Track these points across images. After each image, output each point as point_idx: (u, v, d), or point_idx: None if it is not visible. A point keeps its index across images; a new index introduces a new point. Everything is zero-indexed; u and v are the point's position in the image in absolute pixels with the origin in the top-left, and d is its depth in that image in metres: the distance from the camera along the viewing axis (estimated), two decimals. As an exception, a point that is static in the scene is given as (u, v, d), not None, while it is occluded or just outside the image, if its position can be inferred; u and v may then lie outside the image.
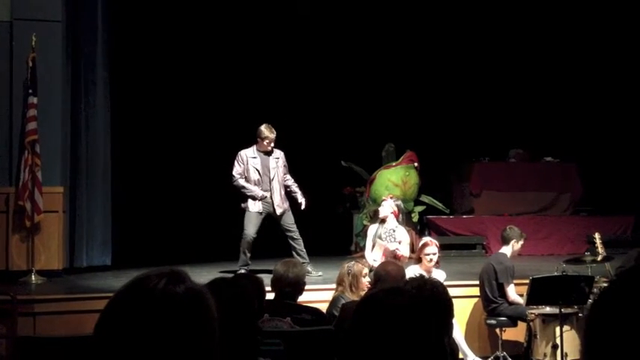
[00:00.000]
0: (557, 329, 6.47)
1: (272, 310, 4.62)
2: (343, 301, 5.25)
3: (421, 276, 4.61)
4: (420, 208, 10.88)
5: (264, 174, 8.09)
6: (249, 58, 11.52)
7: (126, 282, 1.38)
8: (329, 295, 5.90)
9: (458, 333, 6.79)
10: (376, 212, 8.38)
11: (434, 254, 6.89)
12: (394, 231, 7.49)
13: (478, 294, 7.22)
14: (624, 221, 11.36)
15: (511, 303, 6.93)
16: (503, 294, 6.95)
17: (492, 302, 6.96)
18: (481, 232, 10.98)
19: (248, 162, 8.09)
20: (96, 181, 9.07)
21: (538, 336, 6.68)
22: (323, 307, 5.52)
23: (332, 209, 11.38)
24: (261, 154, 8.12)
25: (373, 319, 1.54)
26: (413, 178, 10.43)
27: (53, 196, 8.24)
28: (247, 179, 8.08)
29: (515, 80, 12.39)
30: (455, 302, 3.18)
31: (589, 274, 6.72)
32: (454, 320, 4.67)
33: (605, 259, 7.05)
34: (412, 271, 6.30)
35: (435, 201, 11.00)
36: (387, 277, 4.89)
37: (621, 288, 1.30)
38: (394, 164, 10.58)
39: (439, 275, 6.67)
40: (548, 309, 6.65)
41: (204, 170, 10.69)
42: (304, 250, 8.10)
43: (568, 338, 6.44)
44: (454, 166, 11.92)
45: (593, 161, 11.82)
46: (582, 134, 12.25)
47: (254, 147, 8.15)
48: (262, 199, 8.03)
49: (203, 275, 7.25)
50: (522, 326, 6.98)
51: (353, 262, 5.85)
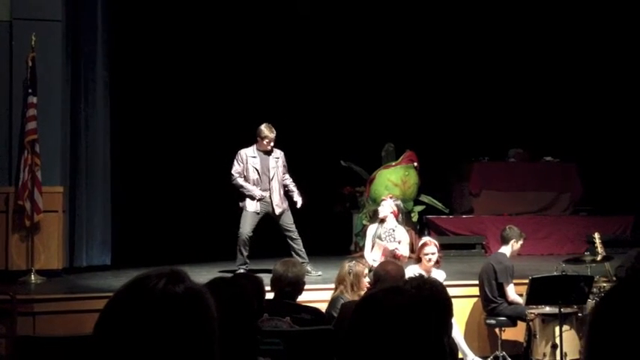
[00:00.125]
0: (556, 329, 6.47)
1: (271, 310, 4.62)
2: (342, 302, 5.25)
3: (420, 276, 4.61)
4: (420, 208, 10.88)
5: (263, 173, 8.09)
6: (249, 58, 11.51)
7: (125, 282, 1.38)
8: (328, 295, 5.90)
9: (457, 333, 6.80)
10: (376, 212, 8.38)
11: (433, 254, 6.89)
12: (394, 231, 7.49)
13: (477, 294, 7.22)
14: (624, 221, 11.36)
15: (510, 303, 6.93)
16: (502, 294, 6.95)
17: (492, 302, 6.96)
18: (481, 232, 10.98)
19: (248, 161, 8.09)
20: (96, 181, 9.07)
21: (537, 336, 6.68)
22: (322, 307, 5.52)
23: (331, 209, 11.38)
24: (260, 154, 8.13)
25: (373, 319, 1.54)
26: (412, 178, 10.43)
27: (53, 196, 8.24)
28: (246, 178, 8.08)
29: (514, 80, 12.39)
30: (454, 302, 3.17)
31: (588, 274, 6.72)
32: (453, 320, 4.67)
33: (604, 259, 7.05)
34: (411, 271, 6.30)
35: (435, 201, 11.01)
36: (387, 277, 4.89)
37: (624, 290, 1.31)
38: (394, 164, 10.58)
39: (439, 275, 6.67)
40: (547, 309, 6.65)
41: (203, 170, 10.69)
42: (303, 250, 8.10)
43: (567, 338, 6.45)
44: (454, 166, 11.91)
45: (592, 161, 11.82)
46: (582, 134, 12.25)
47: (254, 146, 8.15)
48: (261, 200, 8.04)
49: (202, 275, 7.24)
50: (522, 326, 6.98)
51: (354, 262, 5.84)
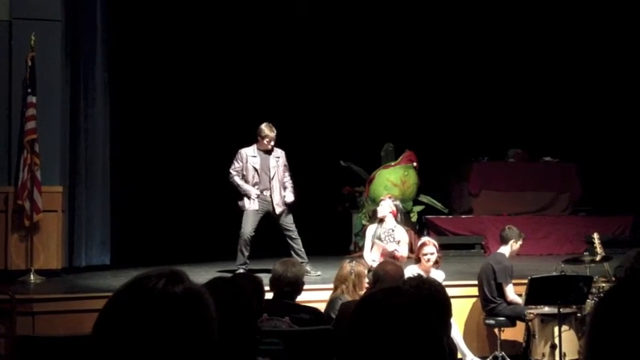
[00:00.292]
0: (555, 329, 6.47)
1: (271, 310, 4.62)
2: (341, 302, 5.24)
3: (419, 276, 4.62)
4: (419, 208, 10.88)
5: (263, 173, 8.09)
6: (249, 58, 11.51)
7: (125, 282, 1.39)
8: (327, 295, 5.88)
9: (456, 333, 6.80)
10: (375, 212, 8.37)
11: (432, 254, 6.88)
12: (393, 231, 7.48)
13: (477, 294, 7.22)
14: (623, 221, 11.36)
15: (510, 303, 6.93)
16: (501, 294, 6.95)
17: (491, 302, 6.96)
18: (480, 232, 10.97)
19: (247, 160, 8.09)
20: (95, 181, 9.07)
21: (537, 336, 6.68)
22: (321, 307, 5.51)
23: (332, 209, 11.37)
24: (261, 153, 8.13)
25: (372, 319, 1.54)
26: (412, 178, 10.43)
27: (52, 196, 8.24)
28: (245, 177, 8.09)
29: (514, 80, 12.39)
30: (453, 302, 3.17)
31: (588, 274, 6.72)
32: (453, 320, 4.67)
33: (603, 259, 7.05)
34: (410, 271, 6.30)
35: (434, 201, 11.01)
36: (386, 277, 4.90)
37: (623, 290, 1.31)
38: (393, 164, 10.58)
39: (438, 275, 6.67)
40: (546, 309, 6.65)
41: (203, 170, 10.68)
42: (303, 250, 8.10)
43: (566, 338, 6.45)
44: (453, 166, 11.91)
45: (592, 161, 11.82)
46: (581, 134, 12.25)
47: (254, 146, 8.16)
48: (258, 197, 8.03)
49: (201, 275, 7.24)
50: (521, 326, 6.98)
51: (354, 262, 5.84)
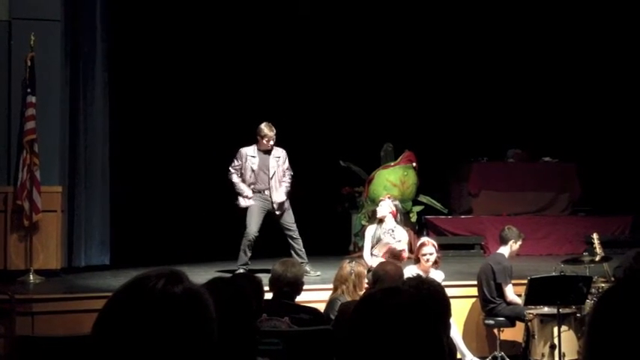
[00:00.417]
0: (555, 329, 6.47)
1: (270, 310, 4.62)
2: (340, 303, 5.24)
3: (418, 276, 4.62)
4: (419, 208, 10.87)
5: (262, 173, 8.09)
6: (249, 58, 11.50)
7: (124, 282, 1.39)
8: (327, 295, 5.89)
9: (456, 333, 6.80)
10: (374, 212, 8.37)
11: (431, 254, 6.88)
12: (393, 231, 7.48)
13: (476, 294, 7.23)
14: (622, 221, 11.35)
15: (509, 303, 6.93)
16: (501, 294, 6.95)
17: (490, 302, 6.96)
18: (479, 232, 10.97)
19: (247, 160, 8.10)
20: (94, 181, 9.06)
21: (536, 336, 6.68)
22: (321, 307, 5.51)
23: (332, 209, 11.37)
24: (260, 153, 8.13)
25: (372, 319, 1.54)
26: (411, 178, 10.43)
27: (51, 196, 8.23)
28: (243, 176, 8.09)
29: (514, 80, 12.38)
30: (453, 302, 3.18)
31: (587, 275, 6.72)
32: (452, 320, 4.67)
33: (603, 260, 7.05)
34: (409, 272, 6.30)
35: (434, 201, 11.00)
36: (386, 277, 4.91)
37: (623, 290, 1.31)
38: (392, 164, 10.57)
39: (437, 276, 6.66)
40: (546, 309, 6.65)
41: (202, 170, 10.67)
42: (303, 250, 8.10)
43: (566, 338, 6.45)
44: (452, 166, 11.91)
45: (591, 161, 11.81)
46: (581, 134, 12.25)
47: (254, 145, 8.16)
48: (252, 198, 8.03)
49: (201, 275, 7.24)
50: (520, 326, 6.98)
51: (354, 262, 5.84)
